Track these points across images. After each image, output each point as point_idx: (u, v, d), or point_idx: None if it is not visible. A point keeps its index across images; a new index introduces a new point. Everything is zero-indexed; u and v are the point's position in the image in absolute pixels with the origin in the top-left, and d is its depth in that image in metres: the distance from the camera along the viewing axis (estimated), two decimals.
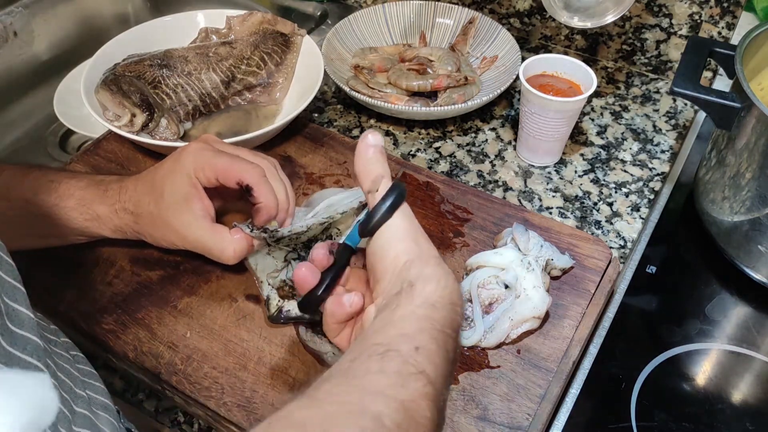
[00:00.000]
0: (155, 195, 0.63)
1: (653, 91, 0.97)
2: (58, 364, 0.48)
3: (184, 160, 0.63)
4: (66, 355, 0.51)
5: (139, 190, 0.64)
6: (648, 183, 0.83)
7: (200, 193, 0.63)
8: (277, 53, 0.91)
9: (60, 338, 0.54)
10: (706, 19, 0.91)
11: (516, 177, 0.84)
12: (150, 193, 0.63)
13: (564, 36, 1.02)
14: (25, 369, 0.40)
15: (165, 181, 0.63)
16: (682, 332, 0.69)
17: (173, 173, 0.63)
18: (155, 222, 0.63)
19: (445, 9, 1.01)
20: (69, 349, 0.54)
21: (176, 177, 0.63)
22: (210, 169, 0.62)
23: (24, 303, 0.43)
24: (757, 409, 0.63)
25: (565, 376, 0.61)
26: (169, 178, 0.63)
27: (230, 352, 0.62)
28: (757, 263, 0.72)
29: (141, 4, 1.25)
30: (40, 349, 0.42)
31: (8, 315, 0.40)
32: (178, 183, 0.63)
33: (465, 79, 0.91)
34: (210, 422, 0.62)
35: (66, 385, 0.47)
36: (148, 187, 0.64)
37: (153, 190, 0.63)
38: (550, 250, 0.67)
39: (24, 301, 0.43)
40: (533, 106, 0.79)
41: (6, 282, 0.42)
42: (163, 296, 0.67)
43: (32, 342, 0.42)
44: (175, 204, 0.62)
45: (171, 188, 0.63)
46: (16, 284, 0.43)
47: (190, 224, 0.62)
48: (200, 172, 0.62)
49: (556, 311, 0.65)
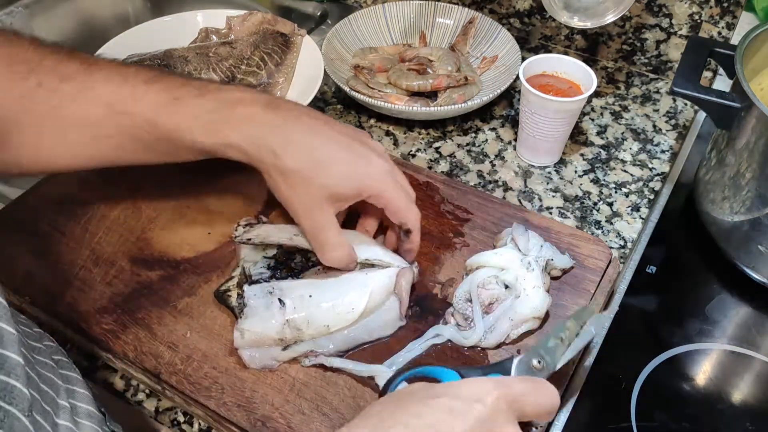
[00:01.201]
0: (310, 160, 0.59)
1: (653, 91, 0.96)
2: (41, 374, 0.47)
3: (368, 166, 0.60)
4: (49, 362, 0.51)
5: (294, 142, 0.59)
6: (648, 183, 0.83)
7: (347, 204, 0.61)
8: (277, 53, 0.91)
9: (43, 343, 0.53)
10: (706, 19, 0.91)
11: (516, 177, 0.84)
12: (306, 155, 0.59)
13: (564, 36, 1.02)
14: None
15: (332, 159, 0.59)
16: (682, 332, 0.69)
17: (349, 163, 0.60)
18: (295, 182, 0.59)
19: (445, 9, 1.01)
20: (53, 354, 0.53)
21: (343, 172, 0.59)
22: (383, 199, 0.60)
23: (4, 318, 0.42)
24: (757, 409, 0.63)
25: (565, 376, 0.61)
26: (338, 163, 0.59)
27: (230, 352, 0.62)
28: (757, 263, 0.72)
29: (141, 4, 1.25)
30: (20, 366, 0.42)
31: None
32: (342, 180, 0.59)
33: (465, 79, 0.91)
34: (210, 422, 0.62)
35: (48, 396, 0.46)
36: (304, 150, 0.59)
37: (309, 155, 0.59)
38: (550, 250, 0.67)
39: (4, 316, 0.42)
40: (533, 106, 0.79)
41: None
42: (163, 296, 0.67)
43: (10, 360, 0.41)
44: (324, 188, 0.59)
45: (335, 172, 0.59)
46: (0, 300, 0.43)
47: (321, 216, 0.60)
48: (369, 192, 0.60)
49: (556, 311, 0.65)
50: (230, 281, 0.65)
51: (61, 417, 0.47)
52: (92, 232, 0.73)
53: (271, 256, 0.67)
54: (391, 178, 0.61)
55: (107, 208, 0.75)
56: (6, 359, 0.41)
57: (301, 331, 0.60)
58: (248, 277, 0.65)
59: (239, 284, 0.65)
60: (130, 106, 0.59)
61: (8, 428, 0.40)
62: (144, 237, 0.73)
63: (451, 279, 0.68)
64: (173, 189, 0.78)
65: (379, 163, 0.61)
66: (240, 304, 0.62)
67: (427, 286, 0.68)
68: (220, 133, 0.59)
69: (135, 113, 0.59)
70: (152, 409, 0.64)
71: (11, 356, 0.41)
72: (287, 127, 0.59)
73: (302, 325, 0.60)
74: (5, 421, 0.39)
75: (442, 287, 0.67)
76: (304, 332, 0.60)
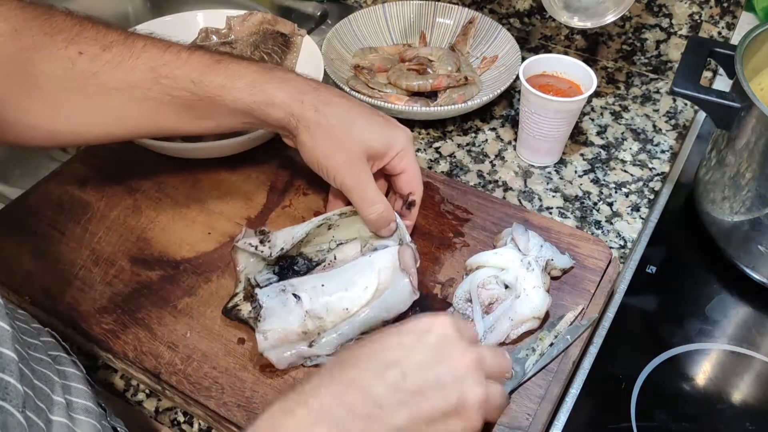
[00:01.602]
0: (348, 118, 0.63)
1: (653, 91, 0.97)
2: (36, 370, 0.47)
3: (394, 130, 0.66)
4: (45, 358, 0.51)
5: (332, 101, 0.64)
6: (648, 183, 0.83)
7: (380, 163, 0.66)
8: (277, 53, 0.91)
9: (41, 339, 0.53)
10: (706, 19, 0.91)
11: (516, 177, 0.84)
12: (344, 113, 0.63)
13: (564, 36, 1.02)
14: None
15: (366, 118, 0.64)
16: (682, 332, 0.69)
17: (379, 124, 0.65)
18: (336, 137, 0.63)
19: (445, 9, 1.01)
20: (50, 350, 0.53)
21: (376, 130, 0.64)
22: (406, 160, 0.66)
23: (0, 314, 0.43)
24: (757, 409, 0.63)
25: (565, 376, 0.61)
26: (371, 121, 0.65)
27: (230, 352, 0.62)
28: (757, 263, 0.72)
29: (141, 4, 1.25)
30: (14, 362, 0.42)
31: None
32: (375, 136, 0.64)
33: (465, 79, 0.91)
34: (210, 422, 0.62)
35: (43, 393, 0.47)
36: (342, 108, 0.64)
37: (347, 113, 0.64)
38: (550, 250, 0.67)
39: None
40: (533, 106, 0.79)
41: None
42: (163, 296, 0.67)
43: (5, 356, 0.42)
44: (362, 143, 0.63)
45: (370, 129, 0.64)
46: None
47: (362, 171, 0.64)
48: (398, 150, 0.65)
49: (556, 311, 0.65)
50: (235, 297, 0.64)
51: (55, 413, 0.47)
52: (92, 232, 0.73)
53: (274, 263, 0.67)
54: (412, 148, 0.67)
55: (107, 208, 0.76)
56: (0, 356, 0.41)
57: (322, 318, 0.60)
58: (255, 286, 0.64)
59: (246, 297, 0.64)
60: (174, 68, 0.61)
61: (2, 424, 0.40)
62: (144, 237, 0.73)
63: (451, 279, 0.68)
64: (173, 189, 0.78)
65: (403, 130, 0.67)
66: (255, 308, 0.61)
67: (427, 286, 0.68)
68: (264, 92, 0.62)
69: (179, 76, 0.61)
70: (152, 409, 0.64)
71: (5, 352, 0.42)
72: (323, 90, 0.65)
73: (322, 313, 0.60)
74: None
75: (442, 287, 0.67)
76: (326, 320, 0.60)
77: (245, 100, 0.62)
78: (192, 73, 0.61)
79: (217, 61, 0.63)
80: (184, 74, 0.61)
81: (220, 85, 0.62)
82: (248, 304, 0.63)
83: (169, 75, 0.61)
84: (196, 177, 0.79)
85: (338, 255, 0.67)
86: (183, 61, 0.62)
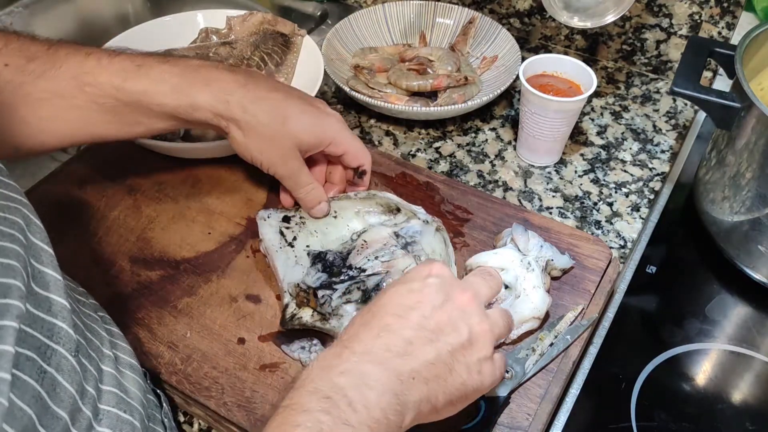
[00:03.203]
0: (278, 114, 0.65)
1: (653, 91, 0.97)
2: (86, 324, 0.50)
3: (326, 118, 0.68)
4: (94, 315, 0.54)
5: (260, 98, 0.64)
6: (648, 183, 0.83)
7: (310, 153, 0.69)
8: (278, 53, 0.91)
9: (88, 300, 0.56)
10: (706, 19, 0.91)
11: (516, 177, 0.84)
12: (273, 110, 0.65)
13: (564, 36, 1.02)
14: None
15: (296, 112, 0.66)
16: (682, 332, 0.69)
17: (310, 116, 0.67)
18: (266, 134, 0.65)
19: (445, 9, 1.01)
20: (97, 311, 0.56)
21: (307, 124, 0.66)
22: (343, 145, 0.69)
23: (51, 265, 0.45)
24: (757, 409, 0.63)
25: (565, 376, 0.61)
26: (302, 114, 0.66)
27: (230, 352, 0.62)
28: (757, 263, 0.72)
29: (141, 4, 1.25)
30: (66, 309, 0.44)
31: (34, 278, 0.42)
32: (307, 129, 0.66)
33: (465, 79, 0.91)
34: (210, 422, 0.62)
35: (93, 344, 0.49)
36: (271, 104, 0.65)
37: (276, 109, 0.65)
38: (550, 250, 0.67)
39: (51, 263, 0.45)
40: (533, 106, 0.79)
41: (35, 245, 0.44)
42: (163, 296, 0.67)
43: (57, 303, 0.44)
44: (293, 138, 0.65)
45: (301, 123, 0.66)
46: (44, 246, 0.45)
47: (295, 161, 0.67)
48: (330, 140, 0.68)
49: (556, 311, 0.65)
50: (288, 308, 0.63)
51: (105, 364, 0.49)
52: (92, 232, 0.73)
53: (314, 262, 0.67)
54: (347, 129, 0.70)
55: (107, 208, 0.76)
56: (53, 302, 0.43)
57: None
58: (310, 288, 0.64)
59: (300, 304, 0.63)
60: (96, 75, 0.61)
61: (56, 365, 0.41)
62: (144, 237, 0.73)
63: None
64: (173, 189, 0.78)
65: (334, 117, 0.69)
66: (322, 311, 0.62)
67: None
68: (188, 95, 0.62)
69: (102, 82, 0.61)
70: None
71: (58, 300, 0.44)
72: (251, 86, 0.64)
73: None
74: (53, 359, 0.41)
75: None
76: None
77: (169, 105, 0.62)
78: (114, 79, 0.61)
79: (138, 66, 0.62)
80: (107, 80, 0.61)
81: (143, 90, 0.62)
82: (308, 310, 0.63)
83: (92, 82, 0.61)
84: (196, 177, 0.79)
85: (367, 238, 0.68)
86: (104, 67, 0.62)
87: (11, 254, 0.39)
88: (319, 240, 0.69)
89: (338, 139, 0.69)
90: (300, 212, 0.71)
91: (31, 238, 0.44)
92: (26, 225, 0.43)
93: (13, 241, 0.40)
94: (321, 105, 0.69)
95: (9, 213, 0.42)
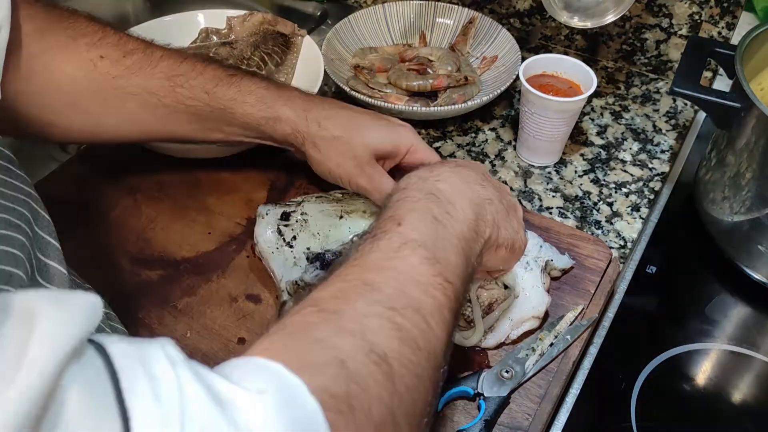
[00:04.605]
0: (351, 126, 0.67)
1: (653, 91, 0.96)
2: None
3: (399, 128, 0.69)
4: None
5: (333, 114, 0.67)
6: (648, 183, 0.83)
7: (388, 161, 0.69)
8: (278, 54, 0.91)
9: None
10: (706, 19, 0.91)
11: (516, 177, 0.84)
12: (346, 122, 0.67)
13: (564, 36, 1.02)
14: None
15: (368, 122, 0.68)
16: (682, 332, 0.69)
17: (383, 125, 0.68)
18: (341, 147, 0.66)
19: (445, 9, 1.01)
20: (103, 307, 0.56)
21: (380, 133, 0.67)
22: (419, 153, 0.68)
23: (57, 259, 0.45)
24: (757, 409, 0.63)
25: (565, 376, 0.61)
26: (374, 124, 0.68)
27: (230, 352, 0.62)
28: (757, 263, 0.72)
29: (141, 4, 1.25)
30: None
31: (39, 270, 0.43)
32: (380, 137, 0.67)
33: (465, 79, 0.91)
34: None
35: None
36: (344, 118, 0.67)
37: (349, 121, 0.67)
38: (550, 250, 0.67)
39: (57, 257, 0.45)
40: (533, 106, 0.79)
41: (42, 238, 0.44)
42: (163, 296, 0.67)
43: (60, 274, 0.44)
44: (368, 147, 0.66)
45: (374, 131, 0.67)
46: (50, 240, 0.45)
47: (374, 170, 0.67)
48: (406, 147, 0.68)
49: (556, 311, 0.65)
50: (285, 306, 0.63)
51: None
52: (92, 232, 0.73)
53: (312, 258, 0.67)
54: (420, 138, 0.70)
55: (107, 208, 0.76)
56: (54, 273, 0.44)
57: None
58: (308, 285, 0.64)
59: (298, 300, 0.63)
60: (190, 78, 0.64)
61: None
62: (144, 237, 0.73)
63: None
64: (173, 189, 0.78)
65: (407, 127, 0.70)
66: None
67: None
68: (272, 108, 0.66)
69: (194, 86, 0.65)
70: None
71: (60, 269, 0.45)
72: (325, 104, 0.68)
73: None
74: None
75: None
76: None
77: (254, 115, 0.66)
78: (206, 84, 0.65)
79: (231, 75, 0.66)
80: (199, 85, 0.64)
81: (232, 98, 0.65)
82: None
83: (185, 84, 0.64)
84: (196, 177, 0.79)
85: None
86: (198, 72, 0.65)
87: (16, 244, 0.40)
88: (320, 242, 0.69)
89: (416, 146, 0.69)
90: (302, 208, 0.71)
91: (37, 231, 0.44)
92: (33, 218, 0.44)
93: (19, 231, 0.41)
94: (391, 118, 0.71)
95: (18, 204, 0.42)
